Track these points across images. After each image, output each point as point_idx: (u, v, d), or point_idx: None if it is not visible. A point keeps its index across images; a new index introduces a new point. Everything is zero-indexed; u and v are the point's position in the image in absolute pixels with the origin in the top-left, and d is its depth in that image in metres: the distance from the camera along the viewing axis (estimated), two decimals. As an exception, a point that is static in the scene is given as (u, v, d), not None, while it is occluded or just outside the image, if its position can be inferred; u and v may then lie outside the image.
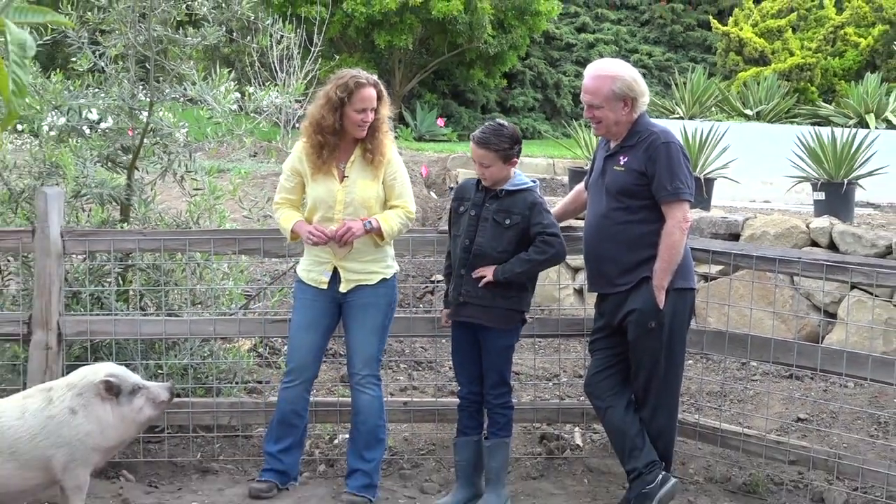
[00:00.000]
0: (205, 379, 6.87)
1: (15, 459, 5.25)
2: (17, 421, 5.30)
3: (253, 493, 5.87)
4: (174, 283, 6.91)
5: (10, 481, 5.29)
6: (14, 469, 5.26)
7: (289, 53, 17.66)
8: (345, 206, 5.77)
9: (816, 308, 8.77)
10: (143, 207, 7.03)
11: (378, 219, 5.73)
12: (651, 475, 5.55)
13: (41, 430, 5.27)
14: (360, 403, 5.89)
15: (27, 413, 5.31)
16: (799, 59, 18.97)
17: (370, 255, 5.82)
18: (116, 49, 6.98)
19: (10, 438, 5.26)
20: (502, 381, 5.79)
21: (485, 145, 5.58)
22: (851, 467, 5.78)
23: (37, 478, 5.34)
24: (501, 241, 5.60)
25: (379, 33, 20.99)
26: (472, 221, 5.70)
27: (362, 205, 5.77)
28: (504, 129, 5.64)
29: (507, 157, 5.60)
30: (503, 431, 5.81)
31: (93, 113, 7.08)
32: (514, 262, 5.58)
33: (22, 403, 5.40)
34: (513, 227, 5.60)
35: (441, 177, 15.90)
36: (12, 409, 5.35)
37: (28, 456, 5.26)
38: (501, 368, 5.78)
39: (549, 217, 5.67)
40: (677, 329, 5.59)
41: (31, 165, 7.03)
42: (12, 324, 6.33)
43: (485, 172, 5.65)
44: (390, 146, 5.86)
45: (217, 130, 7.22)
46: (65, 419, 5.31)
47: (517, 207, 5.61)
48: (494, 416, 5.81)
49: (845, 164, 10.16)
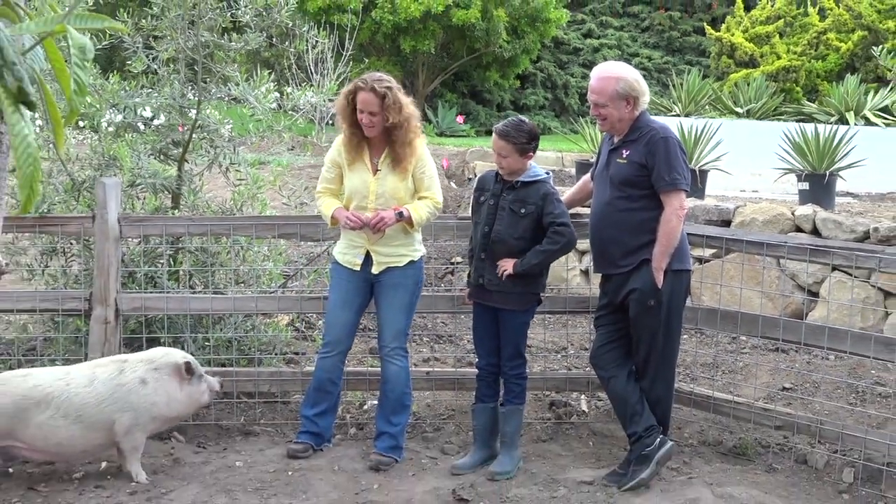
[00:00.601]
0: (247, 350, 6.89)
1: (81, 422, 5.31)
2: (84, 388, 5.36)
3: (290, 453, 5.89)
4: (220, 264, 6.91)
5: (74, 442, 5.34)
6: (79, 431, 5.31)
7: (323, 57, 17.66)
8: (377, 196, 5.76)
9: (801, 288, 8.74)
10: (192, 196, 7.05)
11: (409, 208, 5.72)
12: (650, 438, 5.54)
13: (109, 395, 5.36)
14: (389, 373, 5.90)
15: (96, 381, 5.39)
16: (785, 61, 18.86)
17: (399, 240, 5.82)
18: (168, 53, 6.98)
19: (78, 403, 5.32)
20: (518, 353, 5.80)
21: (504, 137, 5.58)
22: (832, 432, 5.76)
23: (99, 439, 5.39)
24: (517, 228, 5.59)
25: (404, 39, 20.99)
26: (491, 210, 5.70)
27: (392, 196, 5.76)
28: (524, 125, 5.64)
29: (524, 151, 5.60)
30: (518, 399, 5.83)
31: (147, 111, 7.09)
32: (531, 255, 5.58)
33: (92, 372, 5.47)
34: (528, 216, 5.59)
35: (460, 169, 15.88)
36: (81, 377, 5.41)
37: (94, 419, 5.33)
38: (517, 342, 5.79)
39: (560, 207, 5.65)
40: (674, 307, 5.58)
41: (92, 158, 7.05)
42: (75, 300, 6.36)
43: (502, 162, 5.65)
44: (419, 145, 5.83)
45: (258, 127, 7.22)
46: (134, 388, 5.44)
47: (532, 198, 5.60)
48: (510, 386, 5.82)
49: (827, 158, 10.11)
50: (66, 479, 5.55)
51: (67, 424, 5.29)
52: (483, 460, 5.76)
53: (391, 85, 5.71)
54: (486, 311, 5.80)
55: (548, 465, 5.87)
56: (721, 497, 5.36)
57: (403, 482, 5.57)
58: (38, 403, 5.25)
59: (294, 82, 14.45)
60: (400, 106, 5.68)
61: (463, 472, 5.64)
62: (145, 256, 6.83)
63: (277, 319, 7.47)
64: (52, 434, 5.27)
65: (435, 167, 5.95)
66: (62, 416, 5.27)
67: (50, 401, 5.27)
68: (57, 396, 5.29)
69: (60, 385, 5.34)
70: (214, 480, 5.53)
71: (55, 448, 5.34)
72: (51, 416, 5.26)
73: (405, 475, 5.68)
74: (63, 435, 5.29)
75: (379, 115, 5.65)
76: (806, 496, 5.48)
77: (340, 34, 18.75)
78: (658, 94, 19.41)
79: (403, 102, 5.72)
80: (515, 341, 5.78)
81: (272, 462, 5.82)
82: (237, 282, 7.06)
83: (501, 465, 5.68)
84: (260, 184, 7.09)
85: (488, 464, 5.74)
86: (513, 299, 5.70)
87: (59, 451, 5.39)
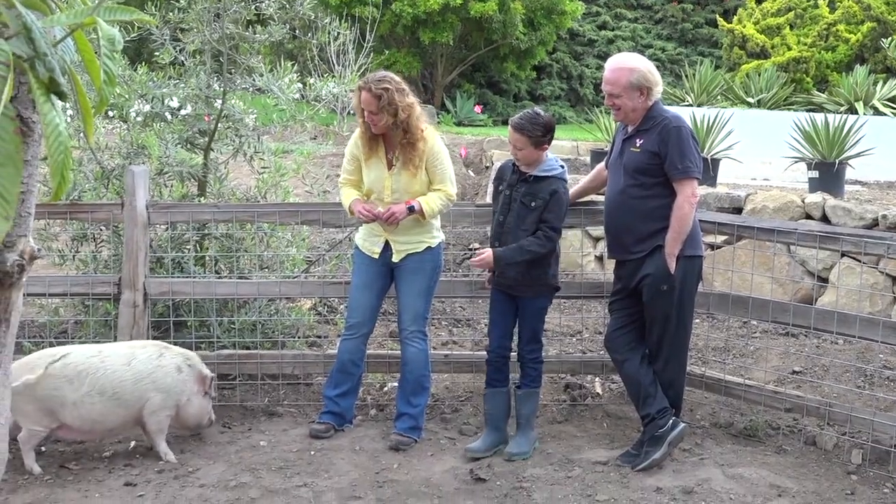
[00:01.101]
0: (271, 334, 6.91)
1: (116, 399, 5.36)
2: (123, 366, 5.41)
3: (313, 433, 5.91)
4: (244, 249, 6.93)
5: (107, 418, 5.38)
6: (113, 407, 5.36)
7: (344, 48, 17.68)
8: (392, 191, 5.78)
9: (810, 273, 8.70)
10: (218, 184, 7.07)
11: (420, 201, 5.72)
12: (663, 420, 5.54)
13: (148, 374, 5.45)
14: (409, 355, 5.91)
15: (135, 360, 5.46)
16: (796, 52, 18.73)
17: (416, 229, 5.82)
18: (194, 45, 6.99)
19: (116, 381, 5.37)
20: (535, 338, 5.79)
21: (520, 130, 5.55)
22: (841, 414, 5.74)
23: (128, 416, 5.44)
24: (525, 221, 5.58)
25: (423, 31, 20.94)
26: (506, 201, 5.69)
27: (406, 190, 5.77)
28: (539, 118, 5.59)
29: (539, 143, 5.57)
30: (534, 383, 5.83)
31: (174, 101, 7.10)
32: (515, 251, 5.56)
33: (131, 352, 5.54)
34: (536, 210, 5.57)
35: (478, 157, 15.86)
36: (120, 356, 5.48)
37: (129, 396, 5.39)
38: (535, 327, 5.78)
39: (560, 211, 5.62)
40: (686, 292, 5.56)
41: (121, 147, 7.07)
42: (105, 285, 6.39)
43: (518, 154, 5.63)
44: (430, 140, 5.79)
45: (282, 116, 7.23)
46: (170, 371, 5.55)
47: (541, 192, 5.58)
48: (527, 370, 5.81)
49: (837, 147, 10.07)
50: (96, 457, 5.59)
51: (103, 401, 5.33)
52: (496, 444, 5.74)
53: (388, 86, 5.63)
54: (504, 295, 5.80)
55: (563, 446, 5.87)
56: (732, 477, 5.35)
57: (422, 462, 5.58)
58: (71, 381, 5.29)
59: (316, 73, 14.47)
60: (396, 107, 5.62)
61: (476, 456, 5.63)
62: (172, 242, 6.85)
63: (300, 304, 7.48)
64: (87, 412, 5.31)
65: (448, 159, 5.92)
66: (98, 393, 5.31)
67: (84, 378, 5.31)
68: (92, 373, 5.33)
69: (94, 362, 5.38)
70: (239, 459, 5.55)
71: (90, 426, 5.38)
72: (86, 392, 5.30)
73: (424, 455, 5.69)
74: (98, 411, 5.33)
75: (378, 114, 5.65)
76: (815, 477, 5.46)
77: (361, 26, 18.73)
78: (671, 84, 19.31)
79: (401, 104, 5.64)
80: (533, 326, 5.78)
81: (295, 442, 5.84)
82: (261, 267, 7.07)
83: (518, 447, 5.68)
84: (283, 172, 7.10)
85: (501, 447, 5.73)
86: (525, 286, 5.70)
87: (92, 429, 5.43)
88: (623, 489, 5.20)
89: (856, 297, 7.87)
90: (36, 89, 2.21)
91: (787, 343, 7.85)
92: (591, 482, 5.28)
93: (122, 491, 5.11)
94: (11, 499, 5.00)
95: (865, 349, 7.45)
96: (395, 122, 5.67)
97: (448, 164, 5.88)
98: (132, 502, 4.97)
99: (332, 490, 5.14)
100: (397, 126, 5.69)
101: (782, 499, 5.11)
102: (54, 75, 2.23)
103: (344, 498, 5.05)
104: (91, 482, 5.23)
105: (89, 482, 5.23)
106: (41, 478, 5.27)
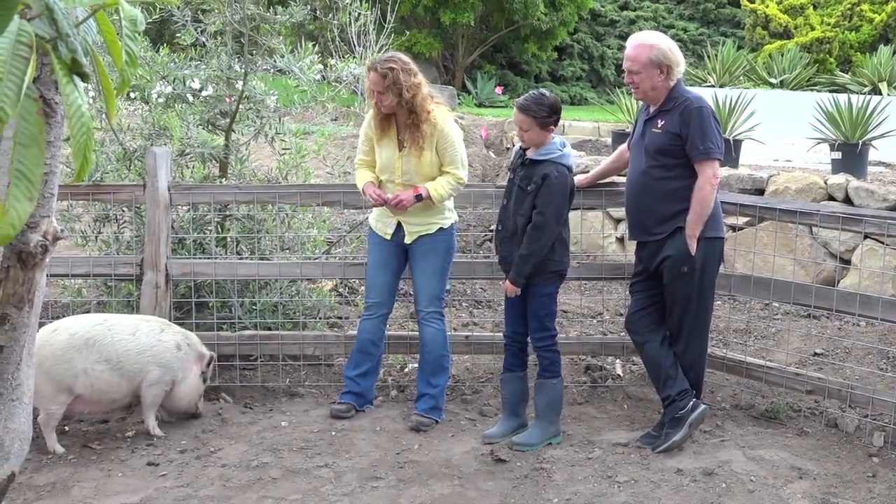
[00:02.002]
0: (292, 315, 6.92)
1: (119, 370, 5.42)
2: (128, 336, 5.48)
3: (334, 413, 5.93)
4: (266, 231, 6.94)
5: (109, 388, 5.45)
6: (114, 378, 5.43)
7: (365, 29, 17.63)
8: (402, 172, 5.79)
9: (832, 255, 8.66)
10: (239, 165, 7.08)
11: (428, 187, 5.72)
12: (683, 402, 5.53)
13: (150, 347, 5.53)
14: (427, 336, 5.92)
15: (139, 332, 5.52)
16: (819, 33, 18.62)
17: (428, 210, 5.83)
18: (215, 26, 7.00)
19: (121, 350, 5.43)
20: (542, 327, 5.66)
21: (525, 111, 5.50)
22: (863, 397, 5.72)
23: (129, 388, 5.53)
24: (522, 205, 5.50)
25: (444, 11, 20.91)
26: (510, 186, 5.67)
27: (417, 172, 5.77)
28: (544, 99, 5.52)
29: (544, 124, 5.51)
30: (547, 373, 5.69)
31: (195, 82, 7.11)
32: (521, 266, 5.47)
33: (136, 322, 5.60)
34: (531, 194, 5.49)
35: (499, 138, 15.83)
36: (125, 326, 5.54)
37: (130, 367, 5.45)
38: (540, 315, 5.63)
39: (549, 195, 5.45)
40: (707, 273, 5.54)
41: (143, 128, 7.09)
42: (127, 265, 6.42)
43: (524, 136, 5.58)
44: (441, 121, 5.74)
45: (303, 97, 7.23)
46: (169, 347, 5.62)
47: (535, 176, 5.49)
48: (539, 359, 5.73)
49: (860, 128, 9.99)
50: (118, 437, 5.63)
51: (109, 370, 5.39)
52: (513, 429, 5.70)
53: (394, 66, 5.62)
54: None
55: (583, 427, 5.87)
56: (752, 459, 5.34)
57: (443, 442, 5.59)
58: (80, 349, 5.34)
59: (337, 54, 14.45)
60: (401, 87, 5.61)
61: (492, 441, 5.60)
62: (194, 223, 6.86)
63: (321, 285, 7.50)
64: (96, 380, 5.37)
65: (460, 142, 5.88)
66: (105, 361, 5.37)
67: (92, 345, 5.37)
68: (99, 341, 5.39)
69: (101, 330, 5.45)
70: (261, 440, 5.58)
71: (98, 395, 5.44)
72: (95, 360, 5.35)
73: (445, 436, 5.70)
74: (105, 381, 5.40)
75: (384, 93, 5.65)
76: (836, 459, 5.45)
77: (382, 7, 18.67)
78: (693, 65, 19.22)
79: (405, 83, 5.62)
80: (538, 313, 5.64)
81: (316, 422, 5.86)
82: (282, 248, 7.08)
83: (525, 437, 5.59)
84: (304, 153, 7.10)
85: (518, 432, 5.70)
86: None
87: (100, 399, 5.48)
88: (643, 471, 5.20)
89: (878, 279, 7.82)
90: (58, 70, 2.22)
91: (808, 325, 7.83)
92: (612, 464, 5.28)
93: (145, 471, 5.15)
94: (35, 477, 5.04)
95: (888, 331, 7.42)
96: (400, 102, 5.66)
97: (459, 147, 5.84)
98: (154, 482, 5.01)
99: (353, 470, 5.16)
100: (402, 106, 5.68)
101: (803, 481, 5.11)
102: (77, 56, 2.24)
103: (364, 478, 5.07)
104: (114, 462, 5.27)
105: (112, 462, 5.27)
106: (64, 457, 5.32)
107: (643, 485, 5.03)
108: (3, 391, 3.09)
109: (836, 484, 5.09)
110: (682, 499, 4.87)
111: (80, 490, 4.90)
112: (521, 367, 5.80)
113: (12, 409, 3.14)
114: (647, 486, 5.00)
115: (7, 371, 3.08)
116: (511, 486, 5.01)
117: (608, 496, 4.88)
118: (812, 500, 4.87)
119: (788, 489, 4.99)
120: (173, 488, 4.93)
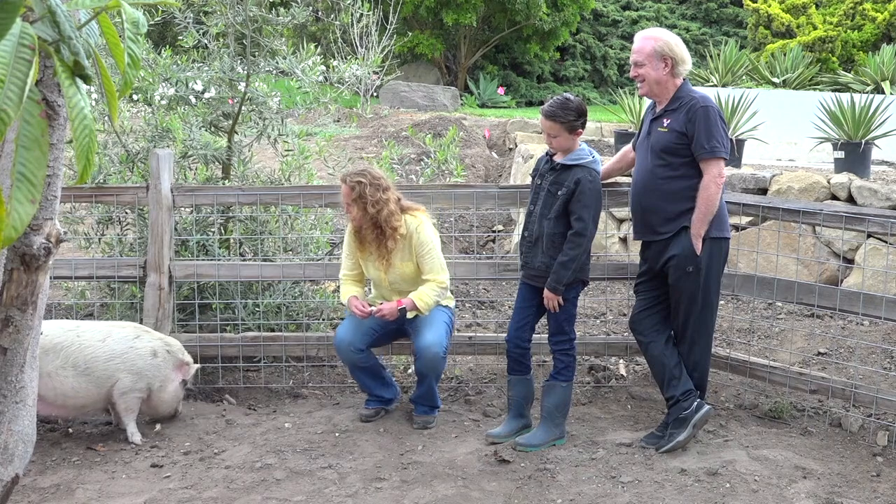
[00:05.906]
0: (296, 316, 6.93)
1: (87, 375, 5.44)
2: (98, 342, 5.49)
3: (362, 418, 5.94)
4: (269, 232, 6.95)
5: (78, 393, 5.45)
6: (84, 383, 5.43)
7: (368, 31, 17.65)
8: (390, 283, 5.88)
9: (836, 255, 8.65)
10: (242, 166, 7.09)
11: (412, 297, 5.75)
12: (687, 402, 5.53)
13: (120, 354, 5.52)
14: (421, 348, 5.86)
15: (110, 338, 5.53)
16: (821, 32, 18.60)
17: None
18: (218, 28, 7.01)
19: (89, 356, 5.44)
20: (561, 330, 5.67)
21: (552, 117, 5.49)
22: (867, 396, 5.72)
23: (98, 394, 5.52)
24: (551, 209, 5.51)
25: (447, 12, 20.91)
26: (536, 190, 5.65)
27: (404, 280, 5.85)
28: (570, 103, 5.51)
29: (573, 129, 5.50)
30: (560, 375, 5.69)
31: (198, 84, 7.11)
32: (560, 272, 5.46)
33: (108, 329, 5.59)
34: (561, 198, 5.48)
35: (501, 139, 15.83)
36: (95, 332, 5.55)
37: (99, 374, 5.46)
38: (560, 320, 5.65)
39: (586, 200, 5.45)
40: (712, 273, 5.54)
41: (145, 130, 7.10)
42: (130, 267, 6.42)
43: (552, 142, 5.57)
44: (413, 231, 5.77)
45: (305, 99, 7.23)
46: (144, 354, 5.60)
47: (567, 181, 5.49)
48: (554, 360, 5.73)
49: (863, 127, 9.98)
50: (122, 439, 5.63)
51: (76, 375, 5.39)
52: (517, 429, 5.70)
53: (362, 180, 5.67)
54: (529, 286, 5.72)
55: (587, 428, 5.87)
56: (757, 459, 5.34)
57: (447, 443, 5.59)
58: (48, 352, 5.34)
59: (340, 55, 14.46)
60: (366, 201, 5.65)
61: (496, 441, 5.60)
62: (197, 225, 6.87)
63: (324, 286, 7.50)
64: (60, 384, 5.38)
65: (436, 246, 5.84)
66: (71, 367, 5.38)
67: (59, 350, 5.38)
68: (67, 346, 5.41)
69: (71, 336, 5.46)
70: (265, 441, 5.58)
71: (62, 400, 5.44)
72: (60, 365, 5.36)
73: (448, 437, 5.70)
74: (70, 385, 5.40)
75: (351, 206, 5.71)
76: (840, 459, 5.44)
77: (385, 8, 18.71)
78: (696, 64, 19.16)
79: (371, 198, 5.65)
80: (559, 318, 5.64)
81: (320, 423, 5.86)
82: (285, 249, 7.09)
83: (528, 438, 5.58)
84: (307, 154, 7.11)
85: (523, 432, 5.70)
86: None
87: (64, 404, 5.48)
88: (647, 471, 5.20)
89: (882, 278, 7.81)
90: (61, 73, 2.22)
91: (812, 325, 7.82)
92: (616, 464, 5.28)
93: (149, 472, 5.15)
94: (39, 480, 5.05)
95: (892, 330, 7.41)
96: (365, 216, 5.70)
97: (436, 253, 5.82)
98: (158, 484, 5.01)
99: (357, 471, 5.16)
100: (367, 220, 5.72)
101: (807, 480, 5.10)
102: (79, 58, 2.23)
103: (368, 479, 5.07)
104: (118, 463, 5.27)
105: (116, 463, 5.27)
106: (69, 459, 5.32)
107: (647, 485, 5.02)
108: (7, 394, 3.10)
109: (840, 483, 5.09)
110: (685, 499, 4.86)
111: (84, 492, 4.90)
112: (524, 371, 5.79)
113: (16, 412, 3.14)
114: (651, 487, 5.00)
115: (11, 373, 3.08)
116: (515, 487, 5.00)
117: (612, 496, 4.88)
118: (816, 499, 4.87)
119: (792, 489, 4.98)
120: (177, 490, 4.93)
